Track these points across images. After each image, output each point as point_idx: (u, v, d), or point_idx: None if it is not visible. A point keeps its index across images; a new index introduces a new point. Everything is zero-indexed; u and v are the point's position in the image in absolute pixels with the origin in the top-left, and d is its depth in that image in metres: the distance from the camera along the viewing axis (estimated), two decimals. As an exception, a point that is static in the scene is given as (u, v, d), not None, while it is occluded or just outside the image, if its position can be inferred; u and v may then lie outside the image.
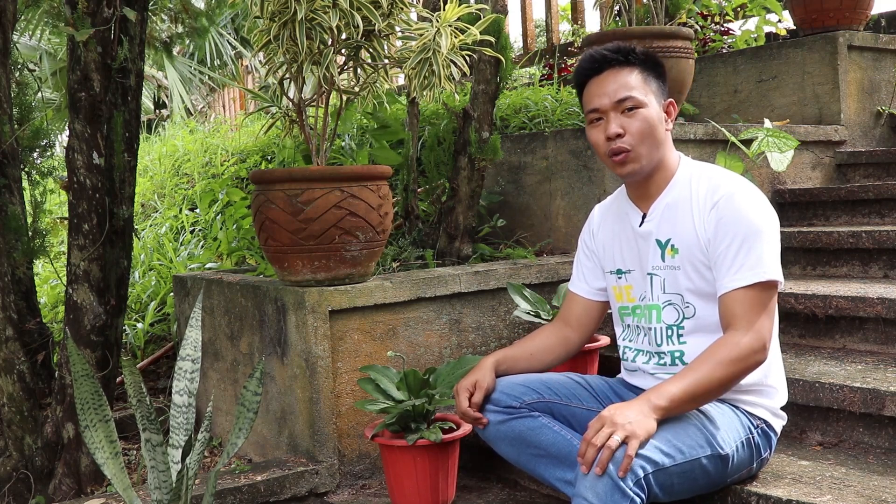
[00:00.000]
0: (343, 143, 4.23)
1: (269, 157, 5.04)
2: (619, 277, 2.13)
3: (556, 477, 2.04)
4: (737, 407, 1.97)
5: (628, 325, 2.14)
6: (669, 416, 1.80)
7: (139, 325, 4.06)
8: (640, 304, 2.08)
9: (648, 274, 2.05)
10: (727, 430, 1.90)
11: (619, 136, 1.96)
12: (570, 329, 2.26)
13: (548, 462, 2.05)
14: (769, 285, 1.87)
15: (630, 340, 2.14)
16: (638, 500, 1.71)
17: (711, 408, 1.92)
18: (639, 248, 2.08)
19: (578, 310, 2.27)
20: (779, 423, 2.03)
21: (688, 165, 2.05)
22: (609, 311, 2.28)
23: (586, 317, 2.26)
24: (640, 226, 2.06)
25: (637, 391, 2.12)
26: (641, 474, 1.72)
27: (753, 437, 1.96)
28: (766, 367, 1.97)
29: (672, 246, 1.99)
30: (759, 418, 1.98)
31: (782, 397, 2.05)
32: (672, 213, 2.00)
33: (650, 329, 2.05)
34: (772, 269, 1.87)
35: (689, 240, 1.96)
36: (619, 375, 2.25)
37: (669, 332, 2.02)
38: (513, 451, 2.09)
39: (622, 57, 1.99)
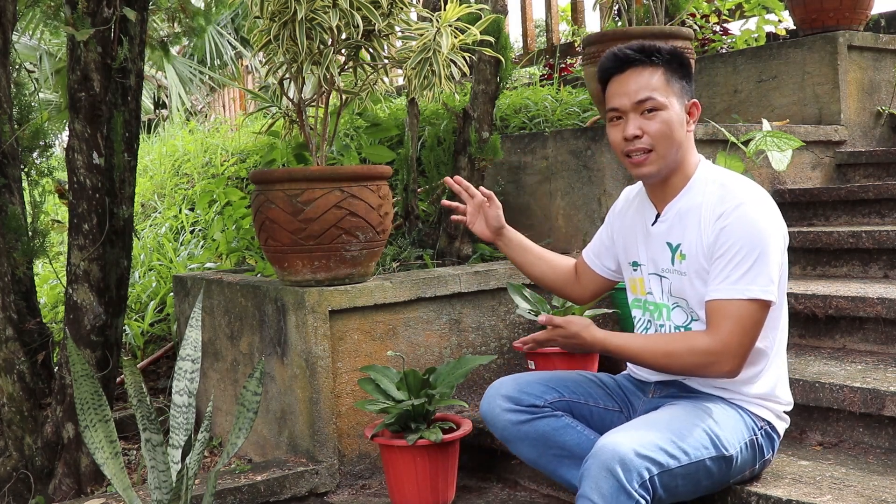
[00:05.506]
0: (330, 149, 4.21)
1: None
2: (635, 270, 2.13)
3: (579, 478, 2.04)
4: (741, 408, 1.96)
5: (640, 318, 2.14)
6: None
7: (139, 325, 4.06)
8: (651, 301, 2.08)
9: (657, 274, 2.05)
10: (731, 431, 1.90)
11: (636, 137, 1.94)
12: (576, 278, 2.32)
13: (570, 463, 2.04)
14: (749, 302, 1.85)
15: (645, 331, 2.13)
16: (643, 502, 1.72)
17: (716, 408, 1.92)
18: (649, 245, 2.07)
19: (585, 271, 2.31)
20: (782, 425, 2.03)
21: (705, 169, 2.02)
22: (611, 290, 2.33)
23: (588, 281, 2.31)
24: (653, 225, 2.06)
25: (642, 387, 2.14)
26: (647, 476, 1.72)
27: (757, 439, 1.96)
28: (775, 380, 1.98)
29: (681, 252, 1.99)
30: (763, 420, 1.98)
31: (787, 404, 2.05)
32: (683, 219, 1.99)
33: (662, 326, 2.05)
34: (755, 288, 1.84)
35: (696, 248, 1.95)
36: (624, 371, 2.25)
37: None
38: (533, 452, 2.07)
39: (645, 57, 1.96)
